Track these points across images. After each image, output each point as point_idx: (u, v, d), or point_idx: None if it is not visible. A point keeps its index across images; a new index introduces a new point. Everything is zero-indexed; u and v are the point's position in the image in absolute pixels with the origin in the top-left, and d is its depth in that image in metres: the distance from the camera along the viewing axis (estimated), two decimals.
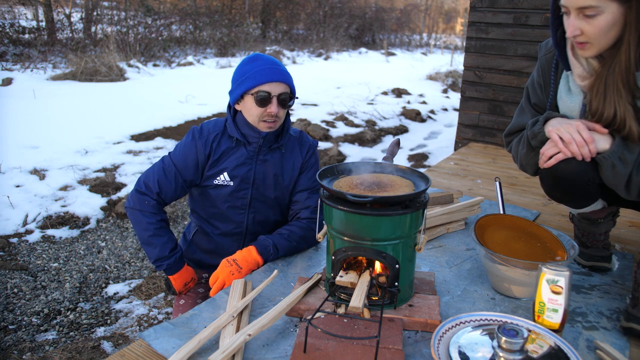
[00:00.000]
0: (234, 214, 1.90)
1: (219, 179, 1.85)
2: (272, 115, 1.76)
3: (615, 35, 1.44)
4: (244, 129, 1.83)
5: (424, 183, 1.50)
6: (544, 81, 1.76)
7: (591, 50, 1.49)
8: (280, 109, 1.78)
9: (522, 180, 3.32)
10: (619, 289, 1.75)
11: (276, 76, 1.75)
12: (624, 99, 1.46)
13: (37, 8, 11.26)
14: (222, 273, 1.70)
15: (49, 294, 2.88)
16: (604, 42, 1.45)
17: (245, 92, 1.76)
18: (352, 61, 14.77)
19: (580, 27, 1.44)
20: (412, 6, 24.04)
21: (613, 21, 1.41)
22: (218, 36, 13.77)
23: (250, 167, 1.85)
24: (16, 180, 4.27)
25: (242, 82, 1.77)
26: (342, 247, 1.46)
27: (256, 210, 1.91)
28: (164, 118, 6.39)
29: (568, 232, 2.00)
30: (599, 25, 1.41)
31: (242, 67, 1.80)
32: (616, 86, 1.46)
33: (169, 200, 1.87)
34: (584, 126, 1.50)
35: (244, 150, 1.85)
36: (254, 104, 1.75)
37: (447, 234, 2.18)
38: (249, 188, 1.87)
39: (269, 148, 1.86)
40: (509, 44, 4.26)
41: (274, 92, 1.75)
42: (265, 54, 1.84)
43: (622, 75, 1.45)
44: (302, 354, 1.27)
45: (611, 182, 1.57)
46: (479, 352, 1.24)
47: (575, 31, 1.45)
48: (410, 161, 5.54)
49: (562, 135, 1.51)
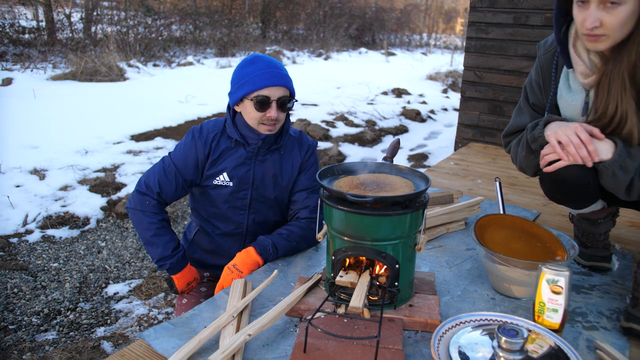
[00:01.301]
0: (234, 215, 1.90)
1: (218, 179, 1.85)
2: (272, 120, 1.76)
3: (629, 29, 1.41)
4: (243, 130, 1.83)
5: (424, 183, 1.50)
6: (543, 80, 1.75)
7: (605, 42, 1.44)
8: (280, 112, 1.77)
9: (522, 180, 3.32)
10: (619, 289, 1.75)
11: (276, 80, 1.74)
12: (628, 94, 1.44)
13: (37, 8, 11.26)
14: (225, 281, 1.72)
15: (49, 294, 2.88)
16: (619, 34, 1.42)
17: (244, 96, 1.76)
18: (352, 61, 14.77)
19: (601, 18, 1.40)
20: (412, 6, 24.04)
21: (632, 12, 1.38)
22: (218, 36, 13.77)
23: (249, 168, 1.86)
24: (16, 180, 4.27)
25: (241, 86, 1.76)
26: (342, 247, 1.46)
27: (256, 211, 1.91)
28: (164, 118, 6.39)
29: (568, 232, 1.99)
30: (619, 16, 1.38)
31: (242, 70, 1.79)
32: (622, 81, 1.44)
33: (169, 200, 1.87)
34: (582, 128, 1.48)
35: (243, 151, 1.85)
36: (253, 108, 1.75)
37: (447, 234, 2.18)
38: (248, 189, 1.87)
39: (267, 149, 1.87)
40: (509, 44, 4.26)
41: (273, 96, 1.74)
42: (265, 55, 1.84)
43: (630, 70, 1.43)
44: (302, 354, 1.27)
45: (611, 187, 1.56)
46: (479, 352, 1.24)
47: (595, 22, 1.40)
48: (410, 161, 5.54)
49: (560, 138, 1.49)
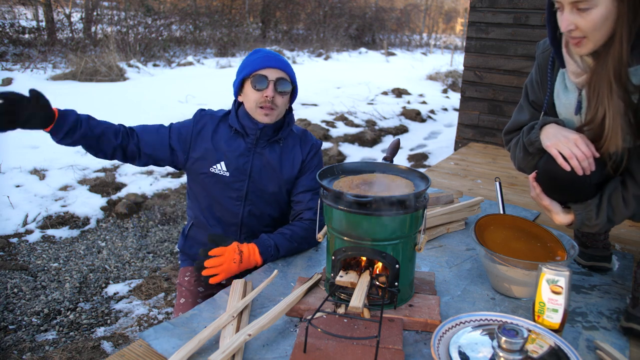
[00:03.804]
0: (229, 204, 1.90)
1: (215, 168, 1.87)
2: (269, 101, 1.78)
3: (608, 30, 1.42)
4: (244, 120, 1.86)
5: (424, 183, 1.50)
6: (541, 79, 1.77)
7: (587, 46, 1.47)
8: (278, 95, 1.80)
9: (522, 180, 3.32)
10: (619, 289, 1.75)
11: (273, 62, 1.80)
12: (615, 95, 1.45)
13: (37, 8, 11.26)
14: (228, 255, 1.63)
15: (49, 294, 2.88)
16: (598, 36, 1.44)
17: (244, 79, 1.83)
18: (352, 61, 14.76)
19: (575, 21, 1.42)
20: (412, 6, 24.04)
21: (606, 15, 1.39)
22: (218, 36, 13.77)
23: (247, 159, 1.87)
24: (16, 180, 4.27)
25: (241, 71, 1.83)
26: (342, 247, 1.46)
27: (252, 204, 1.91)
28: (164, 118, 6.38)
29: (568, 232, 2.00)
30: (592, 19, 1.40)
31: (244, 60, 1.87)
32: (608, 83, 1.45)
33: (136, 149, 1.79)
34: (582, 140, 1.53)
35: (242, 141, 1.87)
36: (251, 89, 1.80)
37: (447, 234, 2.18)
38: (245, 180, 1.87)
39: (267, 141, 1.87)
40: (509, 44, 4.26)
41: (270, 76, 1.78)
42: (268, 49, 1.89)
43: (615, 70, 1.44)
44: (302, 354, 1.27)
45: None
46: (479, 352, 1.24)
47: (569, 26, 1.43)
48: (410, 161, 5.54)
49: (562, 151, 1.54)
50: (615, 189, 1.59)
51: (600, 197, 1.61)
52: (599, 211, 1.60)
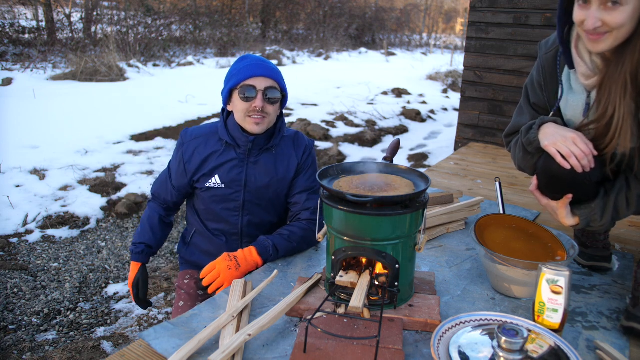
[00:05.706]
0: (228, 216, 1.90)
1: (210, 182, 1.86)
2: (258, 111, 1.75)
3: (630, 29, 1.41)
4: (234, 132, 1.83)
5: (424, 183, 1.50)
6: (544, 80, 1.75)
7: (607, 42, 1.43)
8: (267, 104, 1.77)
9: (522, 180, 3.32)
10: (619, 289, 1.75)
11: (261, 71, 1.76)
12: (629, 96, 1.44)
13: (37, 8, 11.27)
14: (221, 265, 1.70)
15: (49, 294, 2.88)
16: (623, 33, 1.41)
17: (232, 89, 1.80)
18: (352, 61, 14.77)
19: (602, 18, 1.40)
20: (412, 6, 24.04)
21: (633, 13, 1.38)
22: (218, 36, 13.77)
23: (241, 170, 1.85)
24: (16, 180, 4.27)
25: (229, 80, 1.81)
26: (342, 247, 1.46)
27: (250, 213, 1.90)
28: (164, 118, 6.39)
29: (568, 232, 2.00)
30: (620, 17, 1.38)
31: (231, 68, 1.84)
32: (624, 82, 1.44)
33: (173, 205, 2.02)
34: (580, 138, 1.52)
35: (234, 153, 1.85)
36: (239, 100, 1.77)
37: (447, 234, 2.18)
38: (241, 191, 1.86)
39: (259, 150, 1.86)
40: (509, 44, 4.26)
41: (259, 86, 1.75)
42: (255, 54, 1.88)
43: (633, 71, 1.42)
44: (302, 354, 1.27)
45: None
46: (479, 352, 1.24)
47: (596, 22, 1.40)
48: (410, 161, 5.54)
49: (561, 149, 1.53)
50: (620, 190, 1.60)
51: (604, 199, 1.61)
52: (603, 213, 1.61)
